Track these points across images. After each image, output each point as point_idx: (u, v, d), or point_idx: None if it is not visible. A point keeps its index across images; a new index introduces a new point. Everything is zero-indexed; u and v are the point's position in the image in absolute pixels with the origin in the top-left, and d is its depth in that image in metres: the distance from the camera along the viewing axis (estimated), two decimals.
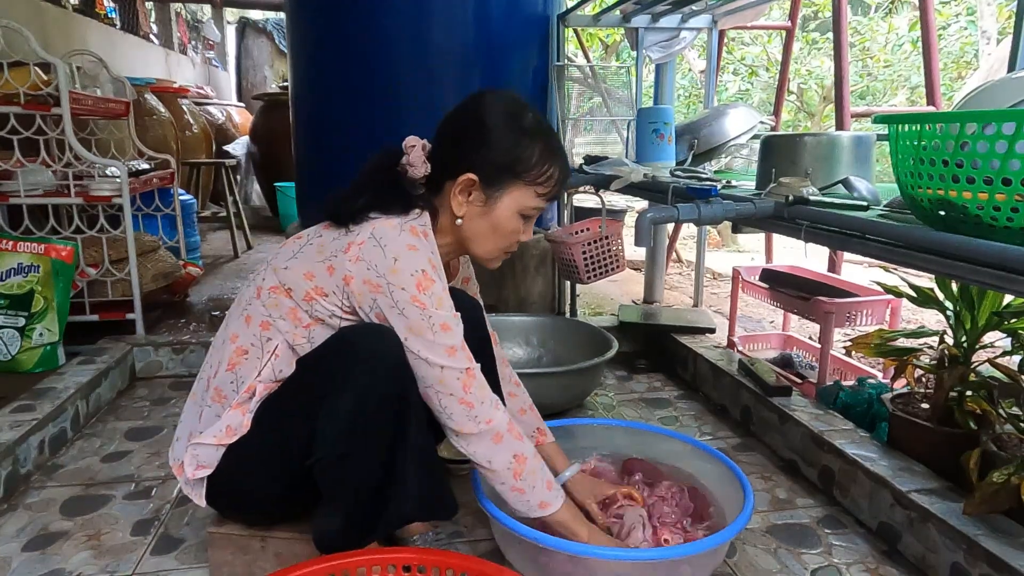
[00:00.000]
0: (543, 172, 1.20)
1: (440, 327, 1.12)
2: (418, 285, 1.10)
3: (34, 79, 2.37)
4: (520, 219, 1.23)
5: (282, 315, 1.18)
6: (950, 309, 1.59)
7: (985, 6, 6.83)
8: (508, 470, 1.17)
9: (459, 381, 1.14)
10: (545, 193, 1.22)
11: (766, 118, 2.44)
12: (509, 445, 1.18)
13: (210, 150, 5.76)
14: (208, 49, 9.85)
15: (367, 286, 1.11)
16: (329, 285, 1.14)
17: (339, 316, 1.17)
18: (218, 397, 1.21)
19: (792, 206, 1.26)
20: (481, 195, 1.20)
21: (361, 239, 1.12)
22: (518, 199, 1.21)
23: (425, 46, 2.62)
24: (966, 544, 1.24)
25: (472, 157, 1.19)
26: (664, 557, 1.17)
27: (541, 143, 1.20)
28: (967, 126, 0.86)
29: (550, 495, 1.20)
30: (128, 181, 2.44)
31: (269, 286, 1.19)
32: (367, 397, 1.10)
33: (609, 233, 2.27)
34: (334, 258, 1.14)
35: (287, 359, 1.19)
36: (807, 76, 7.75)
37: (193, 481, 1.20)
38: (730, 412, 2.11)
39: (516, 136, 1.19)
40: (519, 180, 1.19)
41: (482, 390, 1.17)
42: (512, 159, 1.18)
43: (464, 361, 1.15)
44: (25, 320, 2.21)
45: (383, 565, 1.05)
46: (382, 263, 1.10)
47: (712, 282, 4.55)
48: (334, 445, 1.11)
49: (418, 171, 1.22)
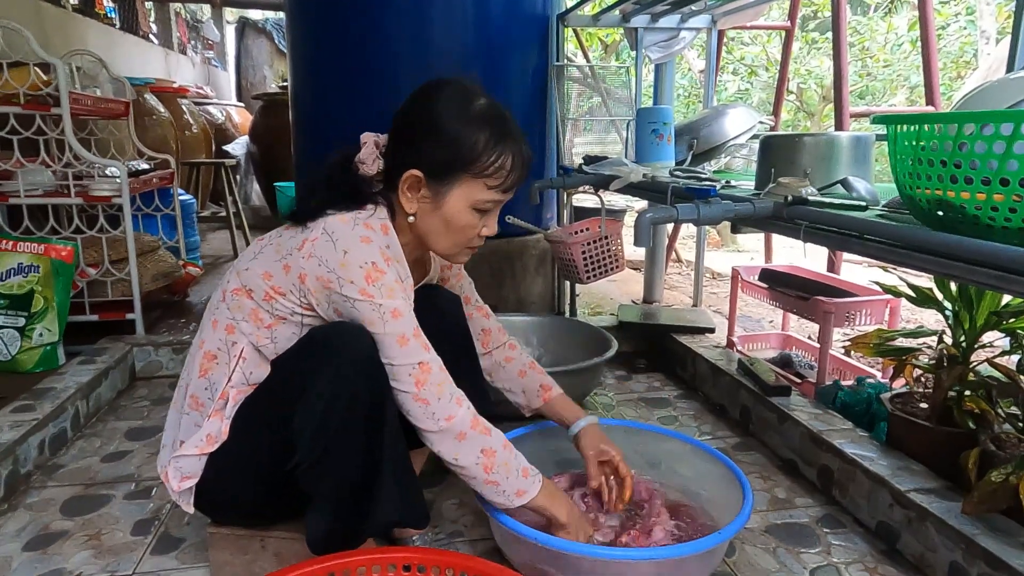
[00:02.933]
0: (491, 163, 1.15)
1: (391, 314, 1.10)
2: (367, 277, 1.09)
3: (34, 79, 2.37)
4: (475, 213, 1.19)
5: (244, 317, 1.18)
6: (949, 309, 1.59)
7: (984, 6, 6.84)
8: (477, 466, 1.15)
9: (411, 377, 1.12)
10: (497, 185, 1.17)
11: (765, 118, 2.44)
12: (474, 441, 1.15)
13: (210, 150, 5.76)
14: (208, 49, 9.85)
15: (320, 282, 1.11)
16: (286, 284, 1.14)
17: (299, 313, 1.16)
18: (195, 404, 1.22)
19: (791, 206, 1.26)
20: (428, 191, 1.17)
21: (315, 235, 1.12)
22: (467, 193, 1.16)
23: (425, 46, 2.62)
24: (964, 543, 1.24)
25: (417, 151, 1.16)
26: (664, 557, 1.17)
27: (488, 131, 1.14)
28: (965, 127, 0.86)
29: (526, 482, 1.19)
30: (128, 181, 2.44)
31: (232, 288, 1.20)
32: (337, 396, 1.08)
33: (609, 233, 2.27)
34: (289, 256, 1.14)
35: (254, 361, 1.19)
36: (806, 76, 7.75)
37: (180, 491, 1.21)
38: (729, 412, 2.11)
39: (460, 126, 1.14)
40: (465, 173, 1.15)
41: (439, 386, 1.14)
42: (456, 151, 1.14)
43: (416, 353, 1.12)
44: (25, 320, 2.21)
45: (383, 565, 1.06)
46: (332, 257, 1.09)
47: (711, 282, 4.55)
48: (311, 447, 1.09)
49: (370, 168, 1.21)
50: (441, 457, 1.17)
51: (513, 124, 1.19)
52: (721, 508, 1.40)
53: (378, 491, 1.15)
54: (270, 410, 1.16)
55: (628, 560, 1.16)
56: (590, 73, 2.85)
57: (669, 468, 1.57)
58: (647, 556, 1.17)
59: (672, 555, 1.17)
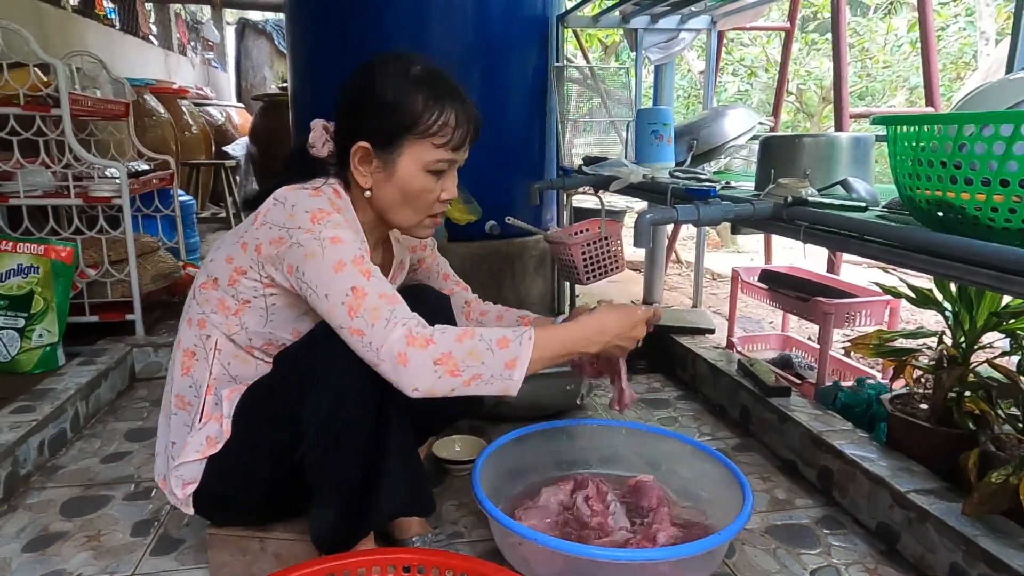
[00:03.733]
0: (433, 121, 1.14)
1: (330, 240, 1.07)
2: (312, 218, 1.08)
3: (34, 80, 2.37)
4: (429, 176, 1.17)
5: (212, 309, 1.19)
6: (949, 310, 1.59)
7: (984, 7, 6.84)
8: (442, 379, 1.02)
9: (344, 307, 1.03)
10: (444, 143, 1.15)
11: (765, 119, 2.44)
12: (422, 355, 1.01)
13: (209, 151, 5.76)
14: (207, 50, 9.86)
15: (274, 245, 1.11)
16: (246, 261, 1.15)
17: (263, 294, 1.16)
18: (181, 404, 1.23)
19: (791, 207, 1.26)
20: (379, 162, 1.17)
21: (266, 207, 1.14)
22: (416, 156, 1.15)
23: (424, 47, 2.61)
24: (965, 544, 1.24)
25: (360, 124, 1.16)
26: (663, 558, 1.17)
27: (426, 91, 1.14)
28: (965, 127, 0.87)
29: (510, 350, 1.05)
30: (128, 182, 2.44)
31: (200, 283, 1.22)
32: (348, 388, 1.08)
33: (608, 234, 2.27)
34: (245, 233, 1.16)
35: (230, 352, 1.21)
36: (806, 77, 7.76)
37: (182, 497, 1.21)
38: (729, 412, 2.11)
39: (396, 91, 1.14)
40: (410, 135, 1.14)
41: (374, 311, 1.03)
42: (397, 116, 1.13)
43: (350, 279, 1.04)
44: (25, 321, 2.21)
45: (383, 566, 1.05)
46: (281, 215, 1.10)
47: (711, 283, 4.55)
48: (319, 436, 1.10)
49: (321, 151, 1.22)
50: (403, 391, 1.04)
51: (453, 83, 1.19)
52: (721, 509, 1.40)
53: (384, 479, 1.15)
54: (274, 405, 1.16)
55: (628, 561, 1.16)
56: (590, 74, 2.85)
57: (669, 469, 1.57)
58: (646, 557, 1.17)
59: (672, 556, 1.17)
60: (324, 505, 1.15)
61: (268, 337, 1.21)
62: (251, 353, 1.23)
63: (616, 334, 1.18)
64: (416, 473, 1.22)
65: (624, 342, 1.21)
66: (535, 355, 1.06)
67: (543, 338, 1.08)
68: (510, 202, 2.66)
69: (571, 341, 1.14)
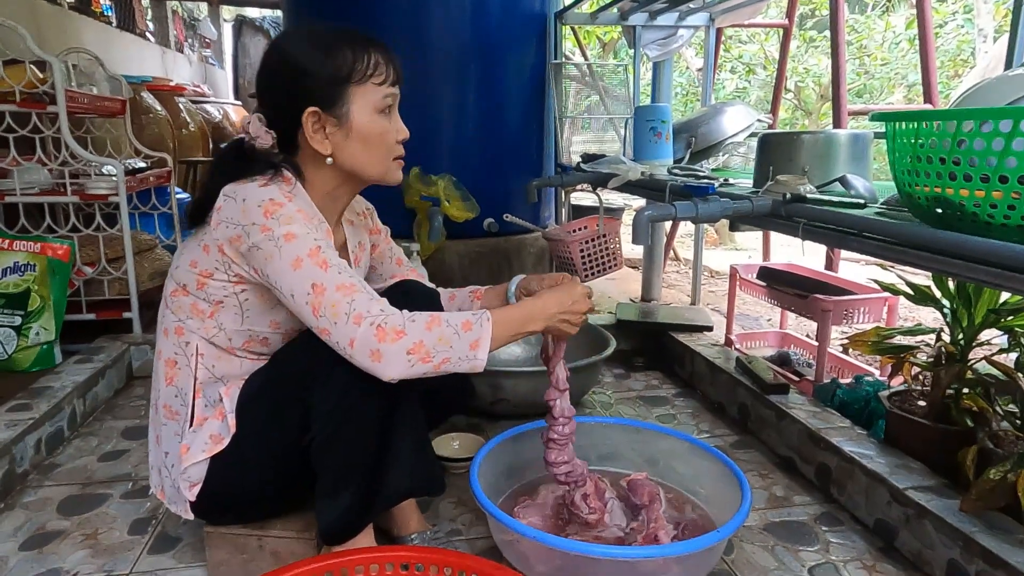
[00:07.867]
0: (366, 64, 1.16)
1: (284, 239, 1.07)
2: (265, 212, 1.08)
3: (30, 77, 2.36)
4: (383, 117, 1.19)
5: (187, 315, 1.19)
6: (947, 307, 1.59)
7: (982, 4, 6.84)
8: (413, 367, 1.05)
9: (308, 307, 1.05)
10: (383, 80, 1.18)
11: (763, 116, 2.44)
12: (394, 348, 1.04)
13: (207, 148, 5.74)
14: (205, 47, 9.83)
15: (233, 245, 1.11)
16: (211, 263, 1.15)
17: (234, 293, 1.17)
18: (169, 414, 1.23)
19: (789, 204, 1.26)
20: (332, 119, 1.17)
21: (218, 205, 1.13)
22: (365, 100, 1.17)
23: (423, 44, 2.61)
24: (962, 541, 1.24)
25: (300, 95, 1.16)
26: (662, 555, 1.17)
27: (347, 41, 1.16)
28: (964, 124, 0.86)
29: (473, 331, 1.09)
30: (125, 179, 2.43)
31: (170, 292, 1.22)
32: (358, 378, 1.08)
33: (607, 231, 2.27)
34: (205, 236, 1.15)
35: (213, 354, 1.21)
36: (804, 74, 7.77)
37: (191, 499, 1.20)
38: (727, 410, 2.11)
39: (321, 52, 1.15)
40: (351, 83, 1.15)
41: (333, 307, 1.04)
42: (335, 70, 1.14)
43: (309, 275, 1.05)
44: (21, 319, 2.20)
45: (381, 564, 1.05)
46: (234, 211, 1.10)
47: (710, 280, 4.56)
48: (327, 420, 1.10)
49: (264, 140, 1.20)
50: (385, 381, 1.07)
51: (358, 30, 1.21)
52: (719, 506, 1.40)
53: (393, 459, 1.15)
54: (282, 391, 1.16)
55: (627, 559, 1.16)
56: (588, 71, 2.85)
57: (667, 466, 1.57)
58: (645, 555, 1.17)
59: (670, 553, 1.17)
60: (333, 490, 1.15)
61: (248, 334, 1.21)
62: (233, 353, 1.23)
63: (558, 310, 1.20)
64: (426, 454, 1.24)
65: (570, 317, 1.22)
66: (495, 333, 1.11)
67: (499, 317, 1.13)
68: (508, 199, 2.66)
69: (519, 319, 1.17)
